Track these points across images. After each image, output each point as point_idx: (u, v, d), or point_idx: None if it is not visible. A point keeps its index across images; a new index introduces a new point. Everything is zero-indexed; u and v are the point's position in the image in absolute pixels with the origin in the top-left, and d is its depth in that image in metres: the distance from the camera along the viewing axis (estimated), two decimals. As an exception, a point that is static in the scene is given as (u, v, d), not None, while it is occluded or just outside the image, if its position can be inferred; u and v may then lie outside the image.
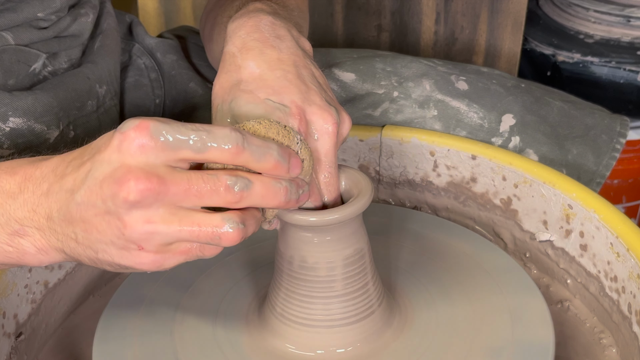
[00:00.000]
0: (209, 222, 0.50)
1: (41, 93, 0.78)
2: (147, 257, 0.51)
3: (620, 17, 1.50)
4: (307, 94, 0.60)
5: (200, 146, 0.49)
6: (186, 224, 0.50)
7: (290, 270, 0.61)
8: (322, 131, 0.59)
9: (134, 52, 0.97)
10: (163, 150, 0.49)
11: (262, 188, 0.51)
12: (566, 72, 1.49)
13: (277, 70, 0.61)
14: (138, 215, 0.49)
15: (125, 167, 0.48)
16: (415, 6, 1.38)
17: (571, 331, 0.72)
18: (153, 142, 0.48)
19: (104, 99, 0.84)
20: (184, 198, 0.49)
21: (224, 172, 0.50)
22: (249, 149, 0.50)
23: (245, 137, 0.50)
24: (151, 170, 0.48)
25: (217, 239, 0.50)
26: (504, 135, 0.85)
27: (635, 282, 0.66)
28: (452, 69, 0.90)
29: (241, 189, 0.50)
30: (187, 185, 0.49)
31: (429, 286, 0.69)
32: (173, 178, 0.49)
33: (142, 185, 0.48)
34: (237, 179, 0.50)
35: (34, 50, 0.79)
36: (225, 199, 0.50)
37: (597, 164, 0.86)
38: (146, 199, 0.49)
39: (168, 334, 0.64)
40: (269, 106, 0.58)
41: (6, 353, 0.65)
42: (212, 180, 0.50)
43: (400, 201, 0.88)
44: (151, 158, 0.49)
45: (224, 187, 0.50)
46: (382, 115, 0.88)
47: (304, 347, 0.62)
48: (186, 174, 0.50)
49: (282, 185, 0.52)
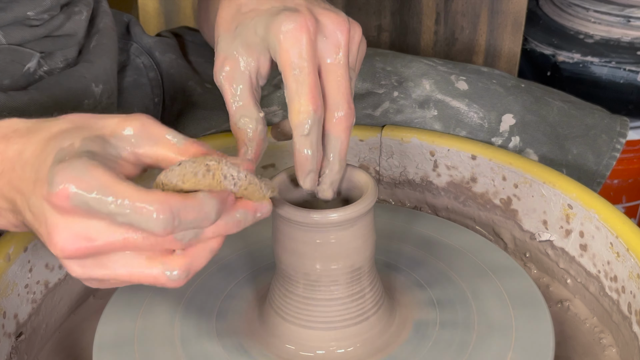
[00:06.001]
0: (149, 273, 0.47)
1: (36, 93, 0.77)
2: (93, 284, 0.50)
3: (620, 17, 1.50)
4: (312, 1, 0.58)
5: (125, 222, 0.45)
6: (122, 272, 0.47)
7: (290, 271, 0.61)
8: (331, 30, 0.56)
9: (132, 51, 0.97)
10: (87, 214, 0.45)
11: (215, 230, 0.48)
12: (566, 72, 1.49)
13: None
14: (73, 263, 0.48)
15: (54, 224, 0.46)
16: (415, 6, 1.38)
17: (571, 331, 0.72)
18: (75, 209, 0.45)
19: (101, 98, 0.84)
20: (121, 249, 0.47)
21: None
22: (182, 226, 0.45)
23: (177, 216, 0.45)
24: (80, 230, 0.45)
25: (157, 284, 0.48)
26: (504, 135, 0.85)
27: (635, 282, 0.66)
28: (453, 68, 0.90)
29: (190, 239, 0.47)
30: (123, 243, 0.46)
31: (429, 286, 0.69)
32: (106, 237, 0.46)
33: (71, 247, 0.46)
34: (184, 233, 0.46)
35: (27, 50, 0.79)
36: (172, 247, 0.47)
37: (597, 164, 0.87)
38: (79, 256, 0.47)
39: (168, 334, 0.64)
40: (274, 11, 0.56)
41: (6, 353, 0.65)
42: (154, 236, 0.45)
43: (400, 201, 0.88)
44: (79, 219, 0.46)
45: (169, 241, 0.46)
46: (382, 115, 0.88)
47: (303, 347, 0.62)
48: (121, 227, 0.45)
49: (235, 219, 0.49)
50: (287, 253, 0.61)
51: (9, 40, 0.77)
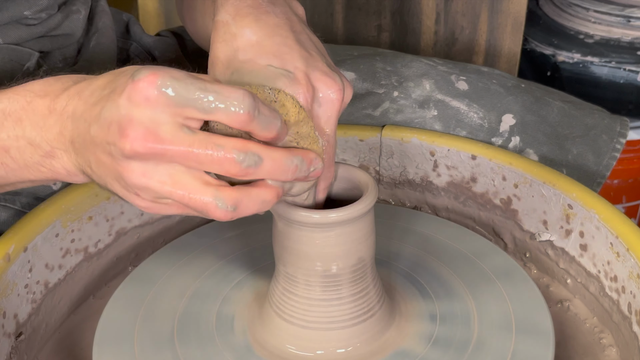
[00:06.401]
0: (200, 194, 0.49)
1: None
2: (144, 203, 0.51)
3: (620, 17, 1.50)
4: (310, 59, 0.58)
5: (207, 107, 0.47)
6: (179, 188, 0.49)
7: (290, 271, 0.61)
8: (326, 98, 0.58)
9: (131, 51, 0.97)
10: (168, 106, 0.47)
11: (272, 165, 0.50)
12: (566, 72, 1.49)
13: (276, 36, 0.59)
14: (135, 166, 0.49)
15: (129, 118, 0.48)
16: (415, 6, 1.38)
17: (571, 331, 0.72)
18: (159, 96, 0.47)
19: None
20: (183, 161, 0.48)
21: (234, 145, 0.48)
22: (259, 118, 0.49)
23: (257, 104, 0.48)
24: (153, 127, 0.47)
25: (205, 212, 0.50)
26: (504, 135, 0.85)
27: (635, 282, 0.66)
28: (453, 68, 0.90)
29: (248, 166, 0.49)
30: (187, 150, 0.48)
31: (429, 287, 0.69)
32: (173, 139, 0.48)
33: (139, 142, 0.48)
34: (246, 155, 0.48)
35: (26, 49, 0.79)
36: (229, 171, 0.49)
37: (597, 164, 0.86)
38: (143, 155, 0.48)
39: (168, 334, 0.64)
40: (271, 72, 0.57)
41: (6, 353, 0.65)
42: (218, 150, 0.48)
43: (400, 201, 0.88)
44: (156, 113, 0.48)
45: (230, 161, 0.48)
46: (382, 115, 0.88)
47: (303, 347, 0.62)
48: (190, 137, 0.48)
49: (292, 163, 0.51)
50: (287, 253, 0.61)
51: (5, 40, 0.76)
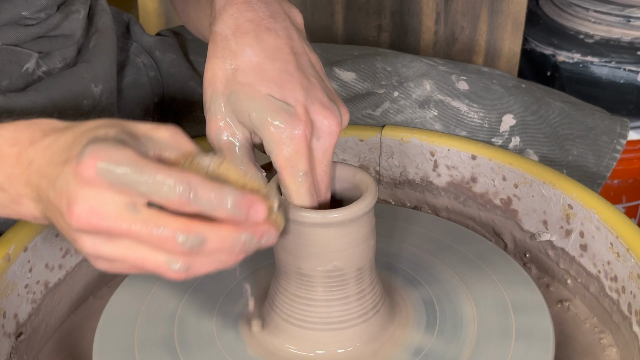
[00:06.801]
0: (153, 259, 0.49)
1: (35, 95, 0.77)
2: (100, 265, 0.51)
3: (620, 17, 1.50)
4: (310, 89, 0.59)
5: (145, 190, 0.48)
6: (131, 254, 0.49)
7: (290, 271, 0.61)
8: (325, 131, 0.58)
9: (132, 50, 0.96)
10: (110, 187, 0.48)
11: (217, 244, 0.49)
12: (566, 72, 1.49)
13: (277, 60, 0.59)
14: (86, 238, 0.50)
15: (75, 195, 0.48)
16: (415, 6, 1.38)
17: (571, 331, 0.73)
18: (99, 179, 0.48)
19: (100, 98, 0.83)
20: (129, 237, 0.49)
21: (177, 226, 0.48)
22: (195, 203, 0.48)
23: (192, 190, 0.48)
24: (97, 206, 0.48)
25: (158, 272, 0.49)
26: (504, 135, 0.85)
27: (635, 282, 0.66)
28: (453, 68, 0.90)
29: (191, 247, 0.48)
30: (129, 229, 0.48)
31: (429, 287, 0.69)
32: (117, 217, 0.48)
33: (84, 220, 0.48)
34: (188, 236, 0.48)
35: (25, 50, 0.78)
36: (173, 251, 0.48)
37: (597, 165, 0.86)
38: (90, 231, 0.49)
39: (168, 334, 0.64)
40: (272, 104, 0.57)
41: (6, 353, 0.65)
42: (160, 231, 0.48)
43: (400, 201, 0.88)
44: (100, 192, 0.48)
45: (172, 241, 0.48)
46: (383, 115, 0.88)
47: (304, 347, 0.62)
48: (133, 215, 0.48)
49: (239, 240, 0.50)
50: (287, 253, 0.61)
51: (4, 41, 0.76)
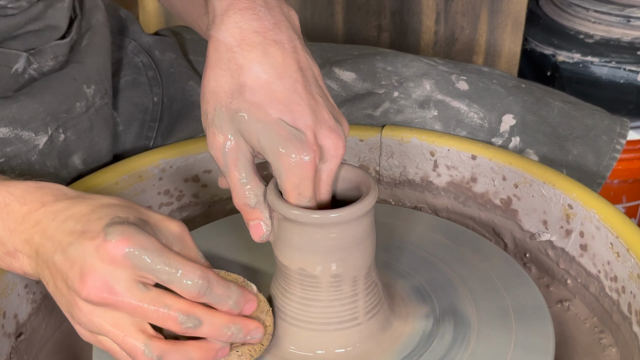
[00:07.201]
0: (133, 338, 0.55)
1: (26, 99, 0.75)
2: (82, 330, 0.57)
3: (620, 17, 1.50)
4: (317, 110, 0.59)
5: (166, 279, 0.54)
6: (117, 329, 0.55)
7: (290, 271, 0.61)
8: (331, 154, 0.59)
9: (130, 49, 0.95)
10: (130, 268, 0.54)
11: (209, 329, 0.56)
12: (566, 72, 1.50)
13: (285, 79, 0.59)
14: (86, 306, 0.55)
15: (92, 268, 0.54)
16: (415, 6, 1.38)
17: (571, 331, 0.73)
18: (124, 260, 0.53)
19: (94, 99, 0.82)
20: (131, 312, 0.54)
21: (179, 307, 0.55)
22: (209, 296, 0.55)
23: (210, 286, 0.55)
24: (111, 282, 0.53)
25: (133, 355, 0.55)
26: (504, 135, 0.85)
27: (635, 282, 0.66)
28: (453, 68, 0.90)
29: (187, 327, 0.55)
30: (137, 304, 0.54)
31: (429, 287, 0.69)
32: (127, 294, 0.54)
33: (95, 292, 0.53)
34: (188, 317, 0.55)
35: (12, 51, 0.77)
36: (170, 328, 0.55)
37: (597, 165, 0.86)
38: (97, 303, 0.54)
39: (168, 334, 0.64)
40: (283, 131, 0.57)
41: (6, 353, 0.65)
42: (164, 309, 0.54)
43: (400, 201, 0.89)
44: (117, 271, 0.54)
45: (173, 320, 0.54)
46: (383, 115, 0.88)
47: (304, 347, 0.62)
48: (143, 293, 0.54)
49: (229, 331, 0.57)
50: (287, 253, 0.61)
51: None
